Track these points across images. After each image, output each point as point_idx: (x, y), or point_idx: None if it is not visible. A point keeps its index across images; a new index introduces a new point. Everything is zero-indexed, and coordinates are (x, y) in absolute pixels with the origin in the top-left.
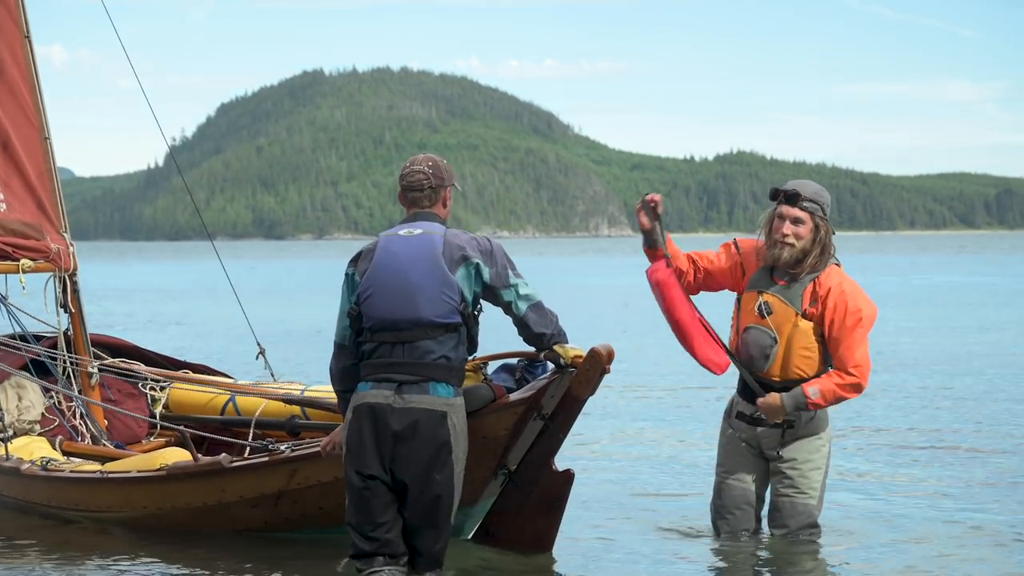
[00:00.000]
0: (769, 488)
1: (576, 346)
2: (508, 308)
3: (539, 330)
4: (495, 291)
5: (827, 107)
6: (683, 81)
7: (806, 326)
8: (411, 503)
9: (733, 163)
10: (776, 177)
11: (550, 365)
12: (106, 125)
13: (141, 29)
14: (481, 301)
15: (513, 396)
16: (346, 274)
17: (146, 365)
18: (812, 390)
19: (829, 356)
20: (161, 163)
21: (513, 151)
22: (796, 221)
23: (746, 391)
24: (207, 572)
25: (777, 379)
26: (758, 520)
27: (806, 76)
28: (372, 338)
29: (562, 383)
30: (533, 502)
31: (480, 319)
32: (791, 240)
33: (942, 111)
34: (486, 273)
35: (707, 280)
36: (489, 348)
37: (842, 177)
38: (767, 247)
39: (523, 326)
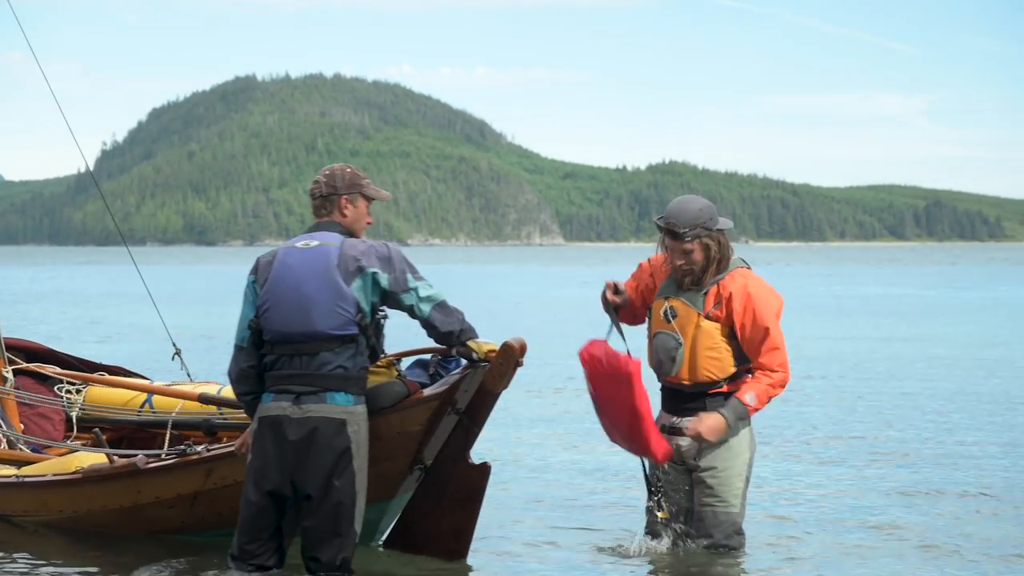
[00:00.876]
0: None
1: (489, 340)
2: (412, 312)
3: (446, 328)
4: (395, 296)
5: (759, 118)
6: (616, 90)
7: (709, 327)
8: (313, 512)
9: (665, 173)
10: (708, 187)
11: (463, 360)
12: (36, 129)
13: (72, 32)
14: (385, 308)
15: (427, 391)
16: (248, 281)
17: (61, 368)
18: (749, 397)
19: (739, 356)
20: (92, 168)
21: (446, 159)
22: (685, 253)
23: (668, 403)
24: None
25: (687, 382)
26: (688, 534)
27: (738, 87)
28: (272, 350)
29: (475, 377)
30: (450, 496)
31: (385, 326)
32: (687, 267)
33: (873, 123)
34: (384, 280)
35: (643, 305)
36: (402, 344)
37: (773, 188)
38: (671, 270)
39: (430, 327)
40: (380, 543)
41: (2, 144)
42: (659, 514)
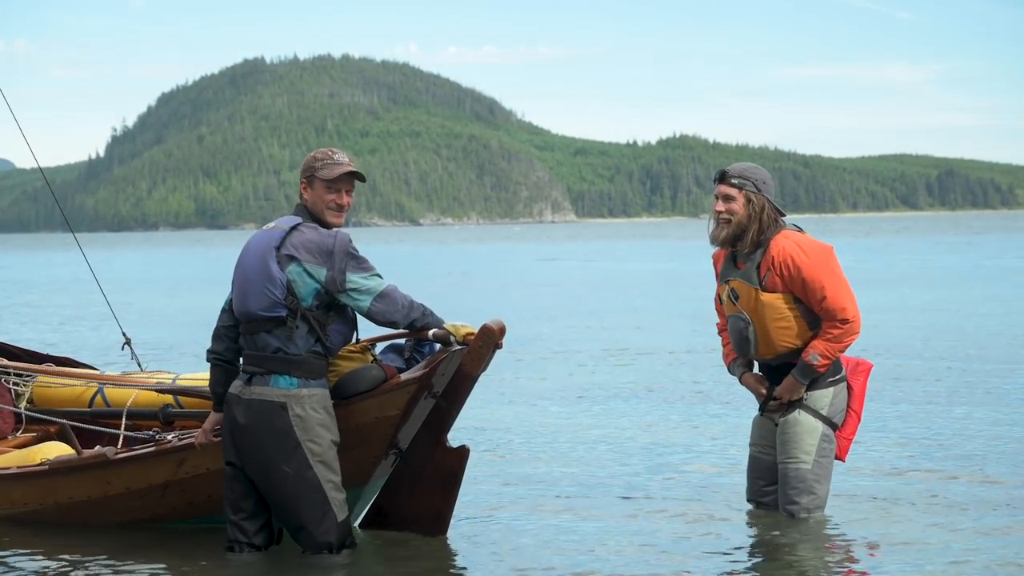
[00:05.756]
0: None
1: (467, 323)
2: (353, 309)
3: (388, 318)
4: (333, 295)
5: (768, 90)
6: (624, 66)
7: (769, 298)
8: (266, 496)
9: (676, 147)
10: (719, 160)
11: (439, 345)
12: (45, 116)
13: (79, 19)
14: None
15: (404, 375)
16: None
17: (6, 359)
18: (812, 356)
19: (812, 318)
20: (102, 154)
21: (456, 137)
22: (727, 198)
23: (767, 378)
24: (92, 567)
25: (768, 358)
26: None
27: (747, 59)
28: (240, 330)
29: (453, 361)
30: (427, 479)
31: (346, 313)
32: (726, 216)
33: (881, 93)
34: (320, 275)
35: None
36: (376, 330)
37: (784, 160)
38: (717, 231)
39: (374, 320)
40: (356, 524)
41: (12, 133)
42: None
